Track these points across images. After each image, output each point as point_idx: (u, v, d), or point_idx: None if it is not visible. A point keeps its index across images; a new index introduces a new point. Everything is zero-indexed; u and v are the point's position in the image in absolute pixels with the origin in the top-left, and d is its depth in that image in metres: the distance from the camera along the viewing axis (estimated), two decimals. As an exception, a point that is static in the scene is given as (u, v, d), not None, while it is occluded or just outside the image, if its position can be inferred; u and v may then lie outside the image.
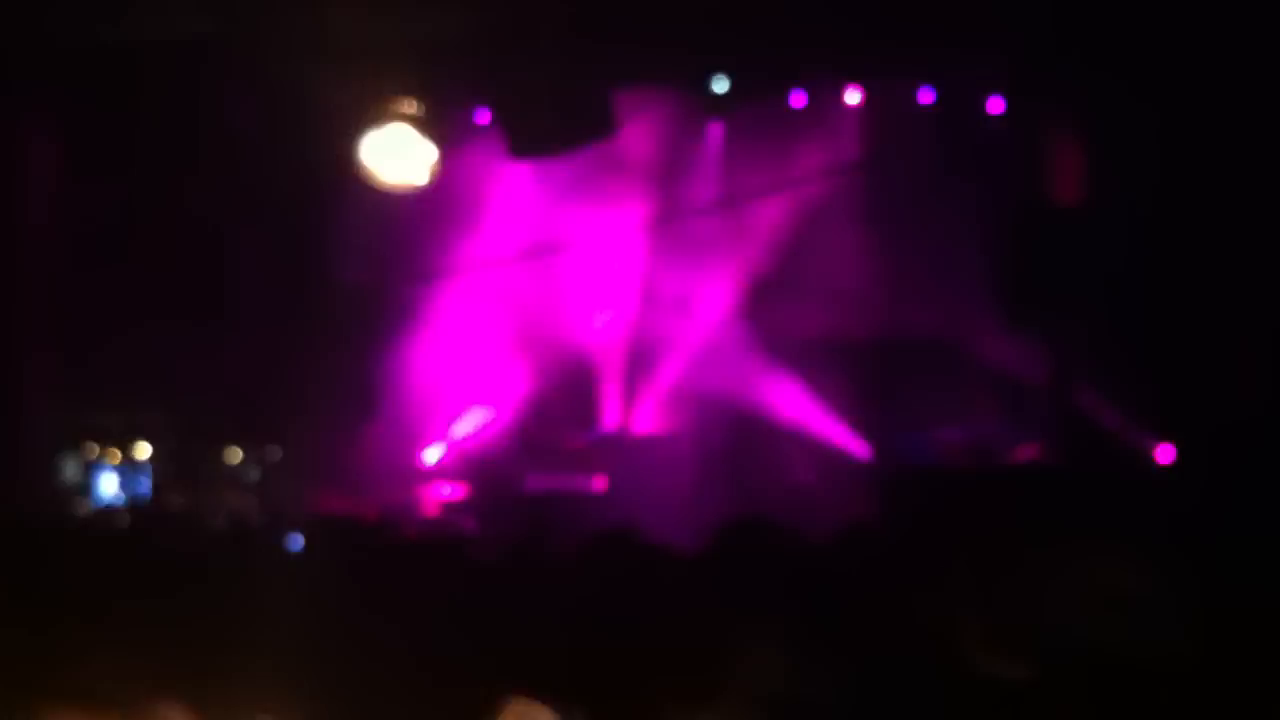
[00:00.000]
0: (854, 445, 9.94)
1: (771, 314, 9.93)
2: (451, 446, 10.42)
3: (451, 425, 10.39)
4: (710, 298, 10.00)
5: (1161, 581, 2.62)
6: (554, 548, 7.65)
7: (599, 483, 9.68)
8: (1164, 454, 9.47)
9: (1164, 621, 2.48)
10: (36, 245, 8.32)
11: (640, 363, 10.23)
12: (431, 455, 10.38)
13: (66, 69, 7.23)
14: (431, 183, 6.86)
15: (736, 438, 9.75)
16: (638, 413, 10.25)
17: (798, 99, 8.55)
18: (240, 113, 7.29)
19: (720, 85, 7.67)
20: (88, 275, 8.64)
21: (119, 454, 10.38)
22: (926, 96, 8.95)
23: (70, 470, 10.13)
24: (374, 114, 6.71)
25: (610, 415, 10.31)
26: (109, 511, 10.08)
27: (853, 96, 9.06)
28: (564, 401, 10.27)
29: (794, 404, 9.94)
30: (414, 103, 6.66)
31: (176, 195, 8.31)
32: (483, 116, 7.34)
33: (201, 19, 6.53)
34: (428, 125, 6.70)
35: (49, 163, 8.13)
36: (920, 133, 9.23)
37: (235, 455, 10.57)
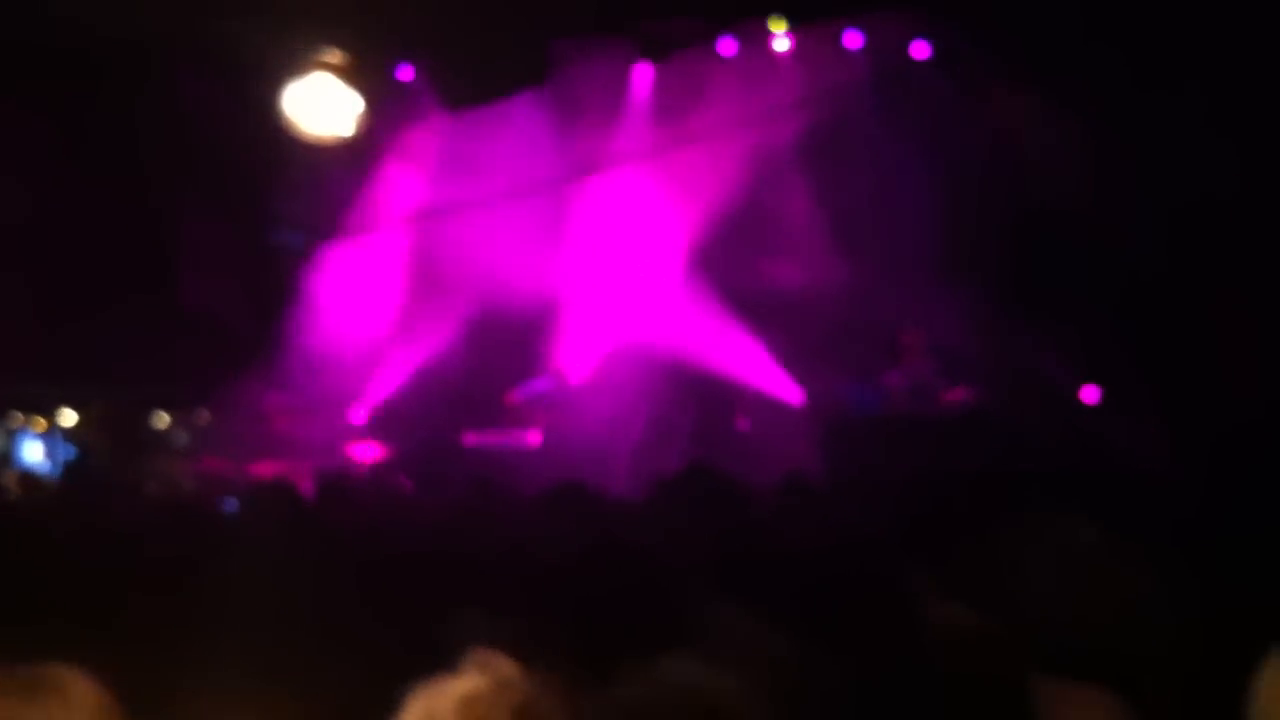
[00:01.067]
0: (793, 393, 9.92)
1: (710, 263, 9.87)
2: (384, 404, 10.29)
3: (383, 382, 10.25)
4: (648, 246, 9.90)
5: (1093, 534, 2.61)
6: (499, 504, 7.62)
7: (535, 438, 9.58)
8: (1090, 394, 9.58)
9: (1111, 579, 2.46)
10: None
11: (578, 314, 10.12)
12: (363, 414, 10.24)
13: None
14: (358, 133, 6.69)
15: (676, 388, 9.69)
16: (575, 365, 10.15)
17: (727, 46, 8.44)
18: (169, 71, 7.08)
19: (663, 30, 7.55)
20: (7, 242, 8.42)
21: (44, 422, 10.18)
22: (854, 41, 8.87)
23: (-2, 438, 9.94)
24: (298, 65, 6.53)
25: (547, 368, 10.20)
26: (34, 479, 9.89)
27: (781, 44, 8.98)
28: (499, 356, 10.15)
29: (734, 353, 9.90)
30: (338, 53, 6.49)
31: (102, 155, 8.09)
32: (410, 69, 7.18)
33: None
34: (352, 76, 6.53)
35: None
36: (851, 80, 9.16)
37: (163, 420, 10.39)
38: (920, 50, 9.12)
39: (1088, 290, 8.78)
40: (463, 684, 2.31)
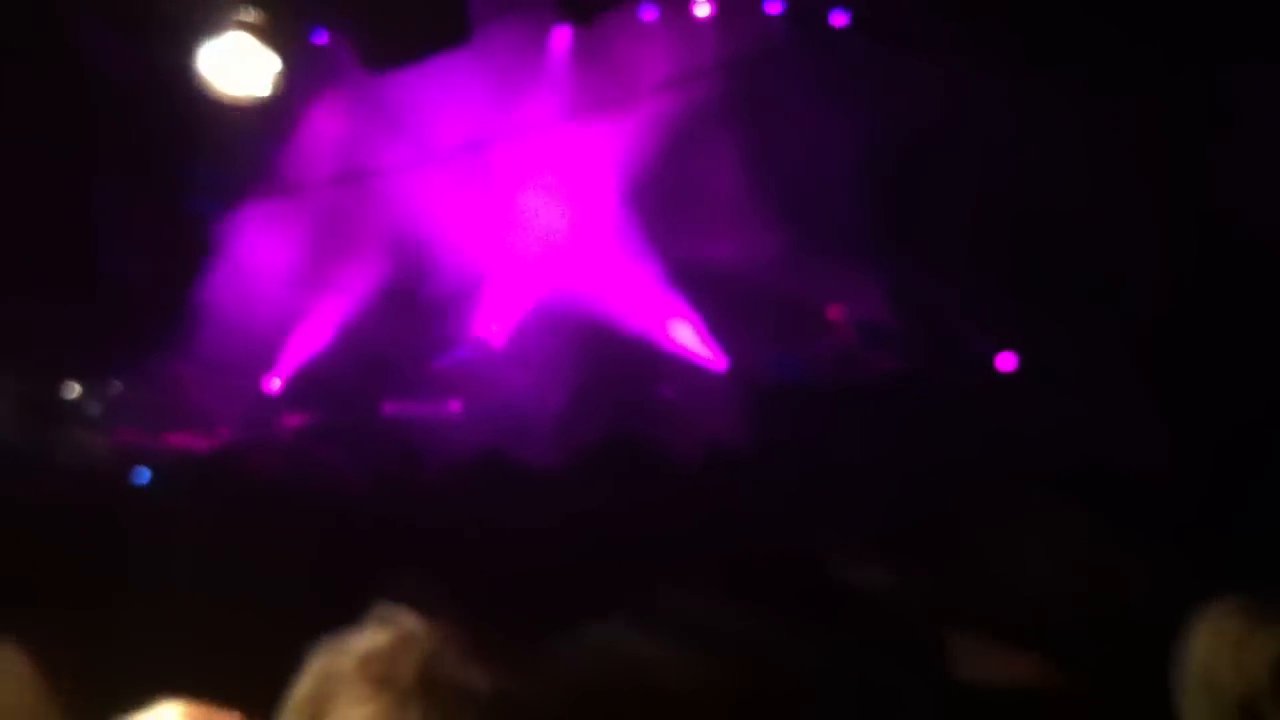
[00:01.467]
0: (717, 361, 9.91)
1: (635, 230, 9.81)
2: (302, 371, 10.15)
3: (302, 349, 10.11)
4: (571, 212, 9.83)
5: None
6: (421, 474, 7.53)
7: (454, 406, 9.50)
8: (1005, 361, 9.67)
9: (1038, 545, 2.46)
10: None
11: (501, 281, 10.04)
12: (279, 381, 10.10)
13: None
14: (274, 94, 6.55)
15: (599, 355, 9.64)
16: (497, 332, 10.07)
17: (647, 11, 8.35)
18: (79, 27, 6.87)
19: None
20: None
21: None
22: (774, 8, 8.81)
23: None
24: (214, 23, 6.37)
25: (469, 336, 10.12)
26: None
27: (702, 9, 8.90)
28: (420, 322, 10.04)
29: (658, 321, 9.87)
30: (255, 12, 6.33)
31: (10, 117, 7.85)
32: (326, 29, 7.06)
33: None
34: (269, 35, 6.38)
35: None
36: (772, 46, 9.11)
37: (74, 390, 10.17)
38: (839, 18, 9.07)
39: (1016, 258, 8.83)
40: (365, 639, 2.25)
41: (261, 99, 6.54)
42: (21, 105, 7.57)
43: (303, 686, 2.25)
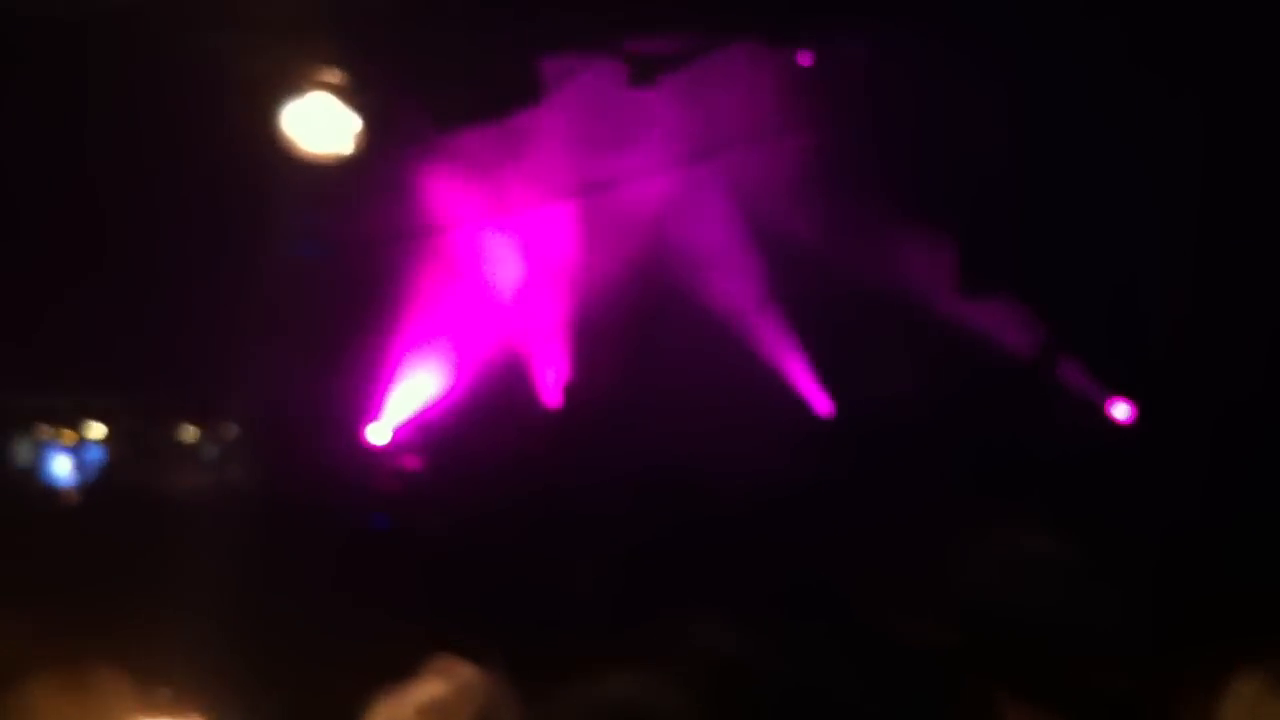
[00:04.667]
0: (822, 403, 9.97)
1: (723, 277, 9.91)
2: (408, 420, 10.40)
3: (406, 398, 10.36)
4: (654, 264, 9.94)
5: (1089, 555, 2.60)
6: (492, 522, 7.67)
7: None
8: (1120, 411, 9.53)
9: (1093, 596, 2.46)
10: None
11: (584, 330, 10.18)
12: (386, 430, 10.34)
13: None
14: (357, 153, 6.78)
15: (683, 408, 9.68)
16: (590, 384, 10.21)
17: (734, 61, 8.40)
18: (166, 87, 7.20)
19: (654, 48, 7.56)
20: (30, 258, 8.57)
21: (73, 435, 10.37)
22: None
23: (23, 452, 10.12)
24: (295, 84, 6.62)
25: (554, 387, 10.30)
26: (61, 492, 10.09)
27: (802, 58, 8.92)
28: (507, 374, 10.24)
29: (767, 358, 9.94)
30: (336, 72, 6.58)
31: (106, 174, 8.22)
32: (406, 87, 7.28)
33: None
34: (350, 95, 6.62)
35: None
36: (864, 90, 9.11)
37: (191, 433, 10.57)
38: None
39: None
40: (423, 689, 2.36)
41: (343, 157, 6.76)
42: (126, 172, 7.96)
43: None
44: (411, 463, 10.22)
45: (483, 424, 10.04)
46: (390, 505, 9.60)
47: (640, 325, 9.94)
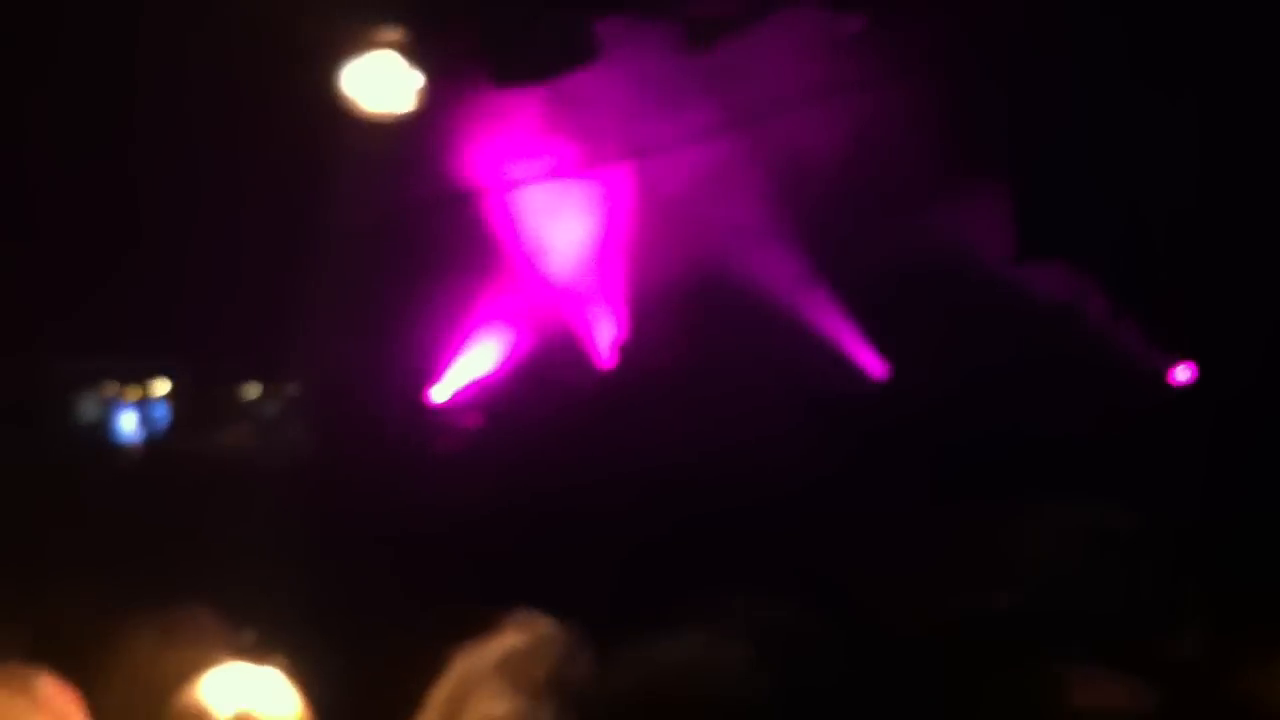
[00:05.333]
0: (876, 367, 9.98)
1: (773, 245, 9.91)
2: (467, 382, 10.46)
3: (464, 360, 10.42)
4: (704, 229, 9.93)
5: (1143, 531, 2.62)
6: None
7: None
8: (1182, 373, 9.49)
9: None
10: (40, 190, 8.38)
11: (649, 288, 10.18)
12: (446, 390, 10.41)
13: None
14: (418, 111, 6.84)
15: (747, 359, 9.67)
16: (645, 349, 10.23)
17: (790, 23, 8.37)
18: (227, 46, 7.28)
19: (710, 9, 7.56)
20: (90, 216, 8.69)
21: (138, 391, 10.52)
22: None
23: (89, 409, 10.28)
24: (356, 42, 6.69)
25: (612, 350, 10.32)
26: (128, 449, 10.27)
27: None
28: (572, 334, 10.28)
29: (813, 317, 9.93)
30: (398, 29, 6.63)
31: (165, 136, 8.31)
32: (466, 45, 7.33)
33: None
34: (412, 52, 6.67)
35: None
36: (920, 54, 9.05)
37: (253, 391, 10.70)
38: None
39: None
40: (502, 641, 2.43)
41: (405, 115, 6.82)
42: (189, 134, 8.07)
43: (444, 685, 2.45)
44: (472, 420, 10.30)
45: (539, 386, 10.11)
46: (450, 466, 9.72)
47: (690, 291, 9.96)
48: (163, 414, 10.51)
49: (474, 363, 10.33)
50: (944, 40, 8.41)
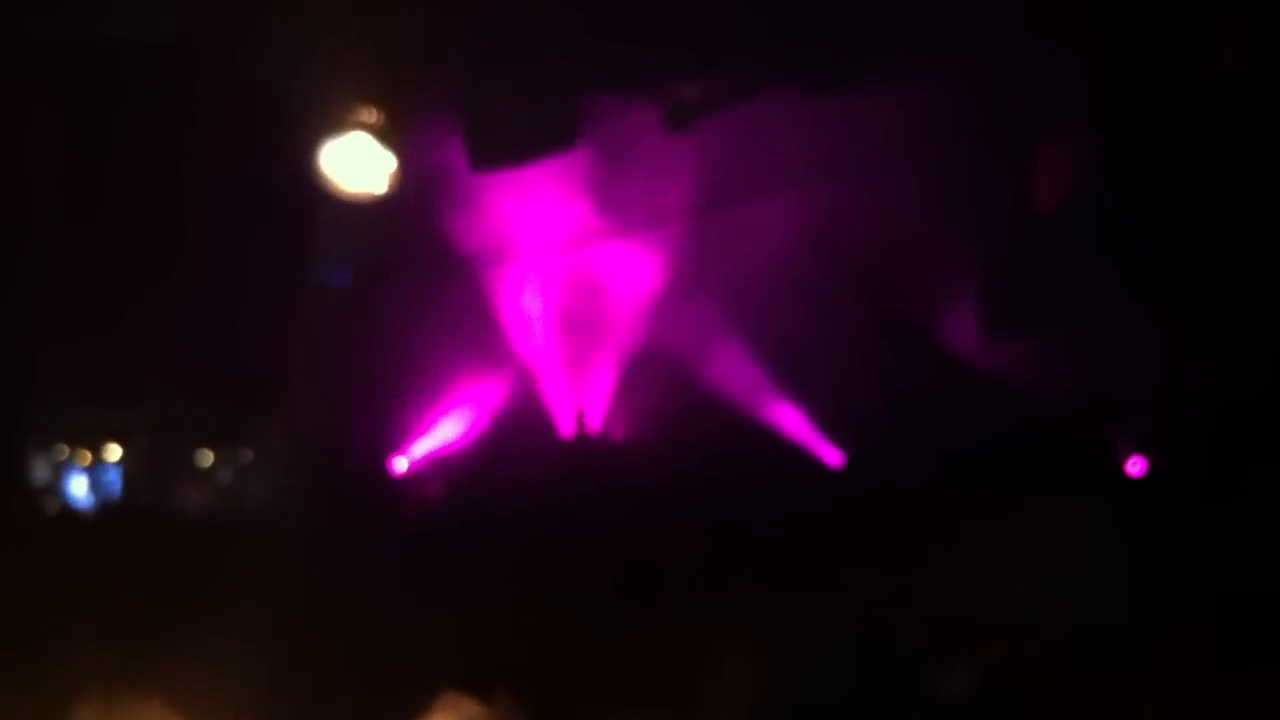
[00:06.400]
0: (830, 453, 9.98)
1: (752, 317, 9.92)
2: (428, 451, 10.39)
3: (427, 429, 10.36)
4: (683, 300, 9.95)
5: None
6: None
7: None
8: (1135, 466, 9.56)
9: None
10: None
11: (612, 365, 10.21)
12: (406, 461, 10.34)
13: (42, 68, 7.16)
14: (392, 191, 6.79)
15: (714, 440, 9.72)
16: (609, 421, 10.24)
17: (768, 105, 8.41)
18: (216, 116, 7.25)
19: (691, 93, 7.58)
20: (57, 276, 8.57)
21: (89, 455, 10.36)
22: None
23: (40, 471, 10.10)
24: (335, 122, 6.65)
25: (577, 422, 10.31)
26: (78, 512, 10.08)
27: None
28: (534, 405, 10.25)
29: (771, 408, 9.96)
30: (374, 111, 6.60)
31: (149, 197, 8.24)
32: (444, 125, 7.32)
33: (178, 20, 6.49)
34: (387, 134, 6.63)
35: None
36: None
37: (207, 457, 10.56)
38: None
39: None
40: None
41: (379, 196, 6.78)
42: (169, 195, 7.98)
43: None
44: (433, 492, 10.23)
45: (502, 456, 10.07)
46: (410, 533, 9.62)
47: (659, 362, 9.97)
48: (114, 478, 10.36)
49: (438, 434, 10.26)
50: (921, 126, 8.48)
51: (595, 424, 10.24)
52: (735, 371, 9.98)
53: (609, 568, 7.88)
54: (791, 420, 10.05)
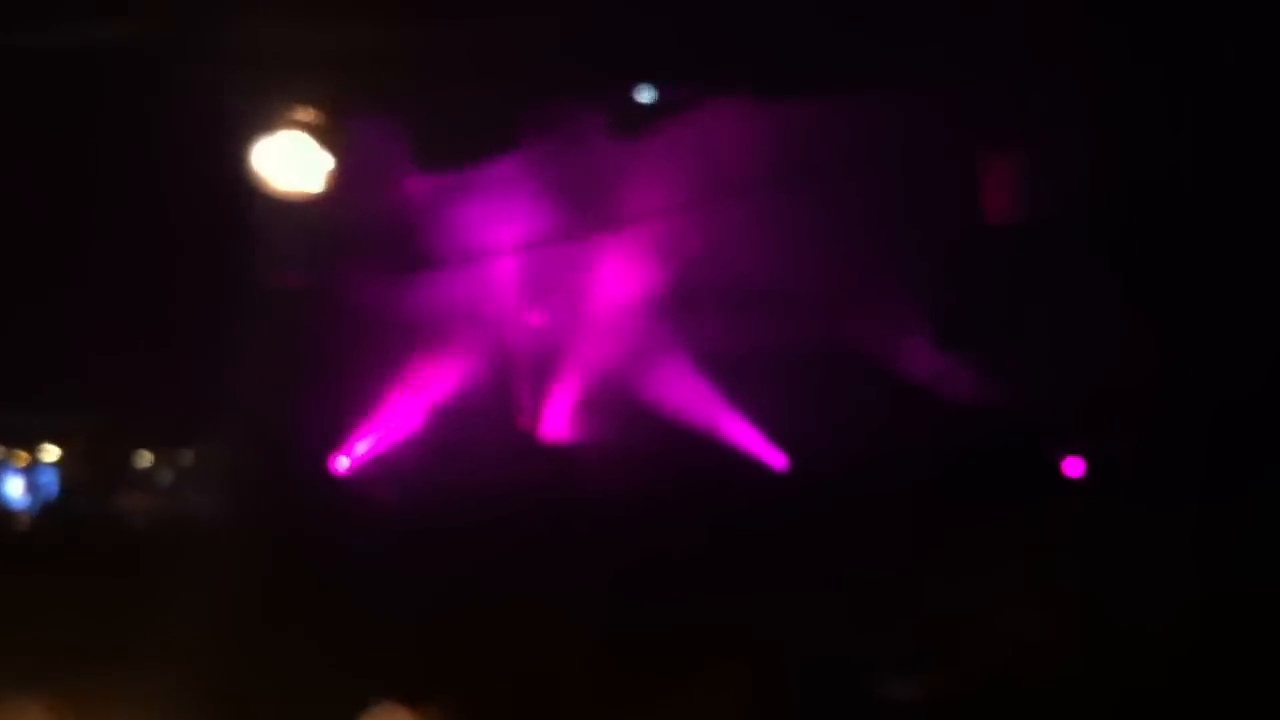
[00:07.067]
0: (772, 456, 9.94)
1: (694, 323, 9.88)
2: (370, 452, 10.30)
3: (370, 430, 10.27)
4: (630, 306, 9.90)
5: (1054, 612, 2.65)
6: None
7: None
8: (1073, 467, 9.58)
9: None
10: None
11: (558, 370, 10.15)
12: (348, 461, 10.24)
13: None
14: (330, 191, 6.69)
15: (652, 447, 9.70)
16: (554, 420, 10.18)
17: (715, 111, 8.36)
18: (154, 118, 7.15)
19: (646, 95, 7.51)
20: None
21: (26, 456, 10.22)
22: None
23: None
24: (270, 121, 6.54)
25: (533, 423, 10.24)
26: (14, 514, 9.94)
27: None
28: (485, 409, 10.17)
29: (715, 413, 9.92)
30: (311, 110, 6.49)
31: (86, 199, 8.12)
32: (387, 127, 7.24)
33: (114, 24, 6.38)
34: (325, 134, 6.53)
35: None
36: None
37: (146, 459, 10.43)
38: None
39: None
40: None
41: (314, 195, 6.68)
42: (106, 197, 7.87)
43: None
44: (380, 494, 10.14)
45: (449, 456, 9.99)
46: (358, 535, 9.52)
47: (608, 369, 9.94)
48: (52, 480, 10.21)
49: (383, 436, 10.19)
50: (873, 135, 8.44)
51: (543, 428, 10.17)
52: (684, 380, 9.94)
53: (556, 576, 7.82)
54: (739, 430, 10.01)
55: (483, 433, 10.08)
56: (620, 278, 9.77)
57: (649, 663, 6.20)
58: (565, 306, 10.00)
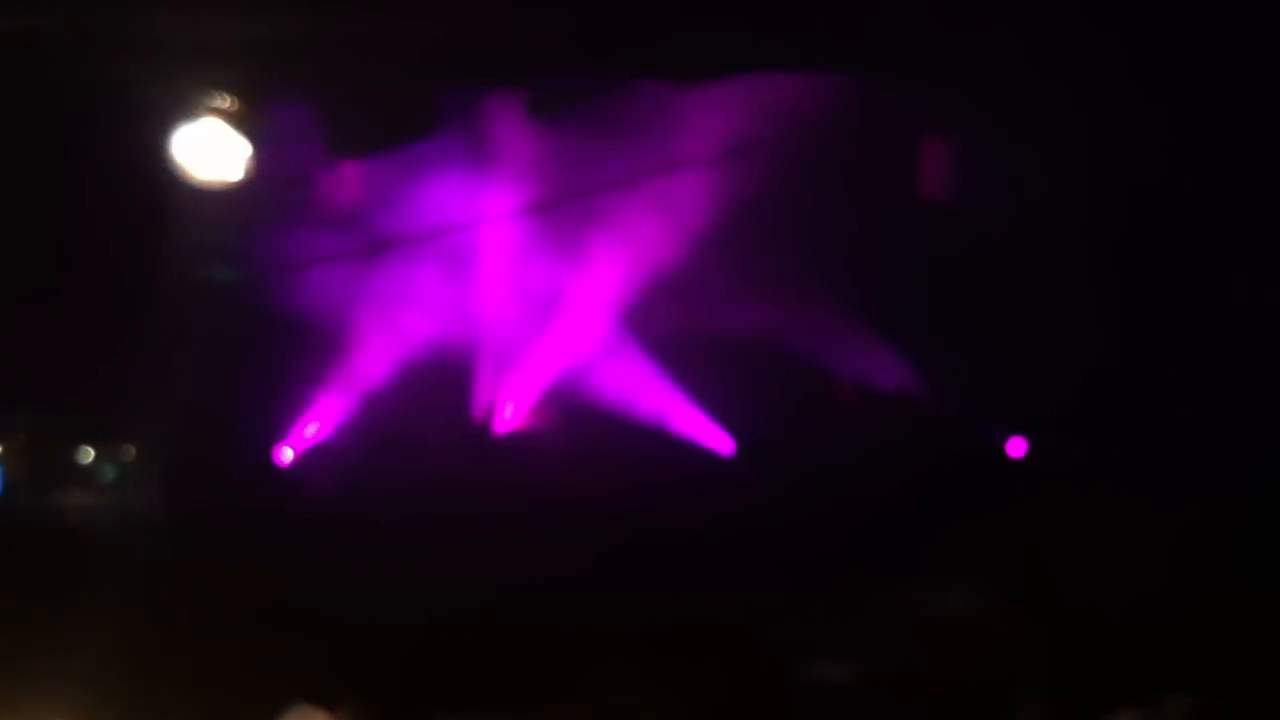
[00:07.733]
0: (720, 442, 9.93)
1: (639, 311, 9.87)
2: (311, 443, 10.27)
3: (311, 422, 10.24)
4: (568, 293, 9.89)
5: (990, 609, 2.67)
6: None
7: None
8: (1015, 447, 9.61)
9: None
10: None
11: (502, 360, 10.13)
12: (289, 453, 10.21)
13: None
14: (249, 178, 6.67)
15: (601, 435, 9.70)
16: (500, 411, 10.16)
17: (649, 94, 8.37)
18: (65, 109, 7.10)
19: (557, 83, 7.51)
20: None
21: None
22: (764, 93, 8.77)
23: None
24: (187, 109, 6.51)
25: (475, 413, 10.21)
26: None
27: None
28: (425, 399, 10.14)
29: (660, 401, 9.91)
30: (228, 98, 6.46)
31: (8, 195, 8.07)
32: (301, 115, 7.21)
33: (20, 15, 6.34)
34: (242, 121, 6.51)
35: None
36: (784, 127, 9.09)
37: (88, 454, 10.38)
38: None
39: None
40: None
41: (233, 183, 6.66)
42: (23, 193, 7.83)
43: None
44: (321, 485, 10.11)
45: (390, 448, 9.97)
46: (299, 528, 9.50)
47: (553, 357, 9.94)
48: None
49: (319, 426, 10.16)
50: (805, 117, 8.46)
51: (481, 418, 10.16)
52: (633, 368, 9.94)
53: (481, 573, 7.84)
54: (689, 420, 10.02)
55: (421, 423, 10.06)
56: (557, 262, 9.75)
57: (585, 653, 6.22)
58: (500, 292, 9.97)
